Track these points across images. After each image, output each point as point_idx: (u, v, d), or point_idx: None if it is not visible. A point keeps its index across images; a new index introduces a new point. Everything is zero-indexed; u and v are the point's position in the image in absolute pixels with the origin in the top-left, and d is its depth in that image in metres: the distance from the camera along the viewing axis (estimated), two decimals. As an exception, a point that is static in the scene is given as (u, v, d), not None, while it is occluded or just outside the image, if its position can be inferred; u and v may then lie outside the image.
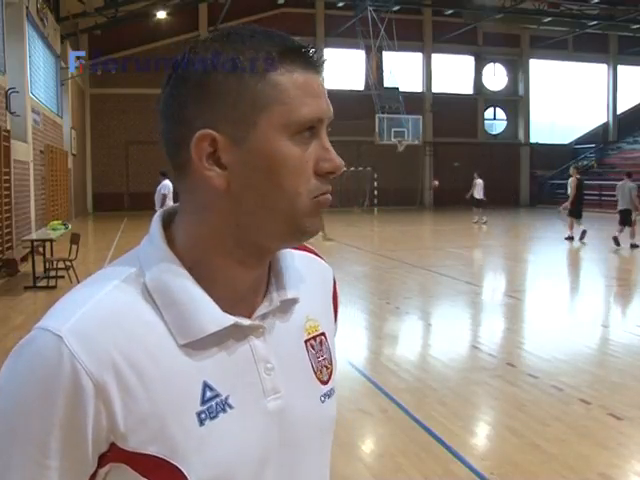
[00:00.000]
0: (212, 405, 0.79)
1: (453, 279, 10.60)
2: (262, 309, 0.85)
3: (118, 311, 0.78)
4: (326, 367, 0.93)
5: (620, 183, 15.40)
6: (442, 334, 7.35)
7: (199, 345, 0.80)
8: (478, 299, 9.51)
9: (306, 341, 0.91)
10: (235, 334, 0.82)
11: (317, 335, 0.93)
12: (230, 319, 0.81)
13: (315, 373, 0.91)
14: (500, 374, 5.55)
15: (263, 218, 0.80)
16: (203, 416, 0.78)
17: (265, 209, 0.80)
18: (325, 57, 0.84)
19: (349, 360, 5.82)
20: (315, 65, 0.82)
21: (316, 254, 1.02)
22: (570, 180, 15.98)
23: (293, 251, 0.93)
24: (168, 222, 0.86)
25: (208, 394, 0.79)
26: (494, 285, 11.24)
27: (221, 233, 0.81)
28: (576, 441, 4.17)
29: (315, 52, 0.82)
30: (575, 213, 15.71)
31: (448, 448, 4.03)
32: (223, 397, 0.80)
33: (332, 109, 0.84)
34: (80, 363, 0.73)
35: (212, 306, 0.81)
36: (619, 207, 14.88)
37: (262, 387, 0.83)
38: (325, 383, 0.92)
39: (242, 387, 0.82)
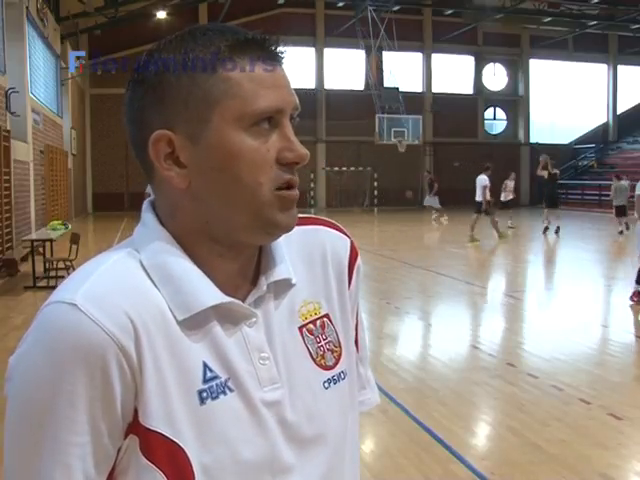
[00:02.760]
0: (213, 385, 0.78)
1: (453, 279, 10.60)
2: (252, 296, 0.84)
3: (124, 280, 0.77)
4: (331, 351, 0.89)
5: (616, 184, 17.57)
6: (442, 334, 7.35)
7: (197, 324, 0.78)
8: (478, 299, 9.51)
9: (301, 327, 0.88)
10: (227, 321, 0.81)
11: (317, 318, 0.89)
12: (226, 297, 0.80)
13: (314, 360, 0.87)
14: (500, 374, 5.55)
15: (229, 213, 0.80)
16: (204, 395, 0.77)
17: (229, 204, 0.79)
18: (283, 48, 0.82)
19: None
20: (272, 56, 0.81)
21: (332, 226, 0.97)
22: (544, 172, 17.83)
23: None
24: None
25: (209, 374, 0.78)
26: (494, 285, 11.23)
27: (194, 230, 0.81)
28: (576, 441, 4.17)
29: (272, 43, 0.81)
30: (549, 203, 17.26)
31: (448, 448, 4.03)
32: (223, 379, 0.79)
33: (297, 99, 0.83)
34: (100, 326, 0.72)
35: (208, 282, 0.80)
36: (616, 203, 17.25)
37: (258, 377, 0.81)
38: (330, 368, 0.88)
39: (240, 374, 0.80)
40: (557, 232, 16.74)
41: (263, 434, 0.80)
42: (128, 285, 0.77)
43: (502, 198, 18.37)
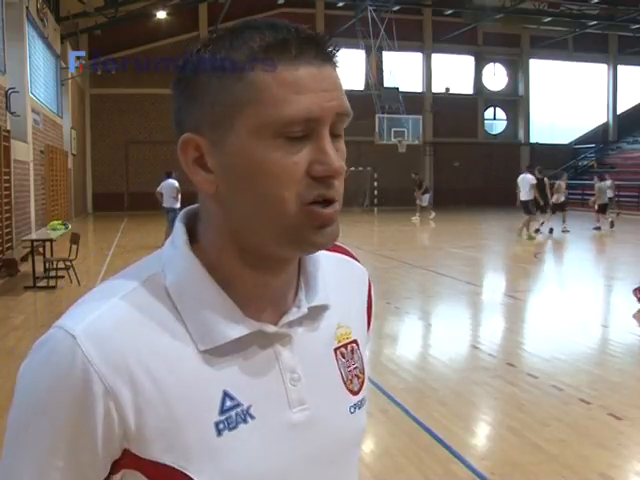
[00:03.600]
0: (232, 415, 0.76)
1: (453, 279, 10.60)
2: (289, 316, 0.82)
3: (135, 315, 0.75)
4: (357, 376, 0.89)
5: (600, 183, 18.54)
6: (442, 334, 7.35)
7: (220, 352, 0.77)
8: (478, 299, 9.52)
9: (336, 349, 0.87)
10: (260, 341, 0.79)
11: (348, 343, 0.89)
12: (254, 325, 0.78)
13: (345, 383, 0.87)
14: (500, 374, 5.55)
15: (255, 224, 0.76)
16: (221, 426, 0.76)
17: (254, 215, 0.75)
18: (333, 45, 0.75)
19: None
20: (319, 55, 0.74)
21: (351, 256, 0.97)
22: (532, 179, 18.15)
23: (327, 252, 0.88)
24: (194, 222, 0.83)
25: (228, 403, 0.76)
26: (494, 285, 11.23)
27: (226, 238, 0.79)
28: (576, 441, 4.17)
29: (323, 40, 0.74)
30: (539, 208, 17.37)
31: (448, 448, 4.03)
32: (244, 407, 0.77)
33: (344, 103, 0.75)
34: (92, 366, 0.71)
35: (235, 311, 0.78)
36: (600, 202, 18.31)
37: (287, 398, 0.80)
38: (356, 393, 0.88)
39: (265, 397, 0.79)
40: (551, 232, 17.13)
41: (282, 459, 0.79)
42: (140, 320, 0.75)
43: (554, 200, 17.82)
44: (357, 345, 0.91)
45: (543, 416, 4.57)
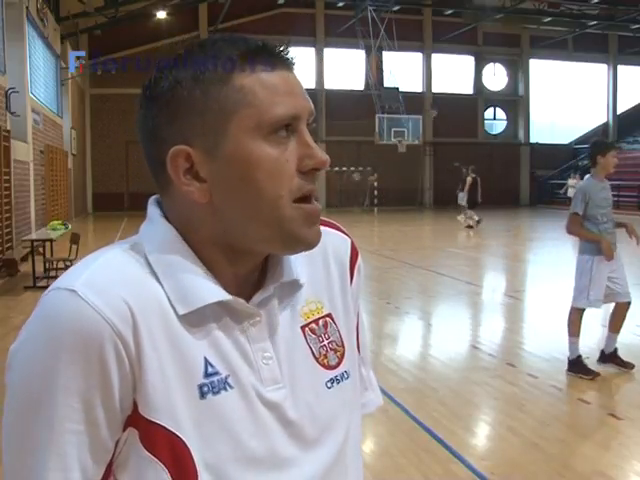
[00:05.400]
0: (214, 380, 0.78)
1: (453, 279, 10.60)
2: (258, 296, 0.84)
3: (125, 270, 0.77)
4: (334, 350, 0.89)
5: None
6: (442, 334, 7.35)
7: (197, 320, 0.78)
8: (478, 299, 9.51)
9: (303, 327, 0.87)
10: (232, 319, 0.81)
11: (319, 318, 0.89)
12: (229, 295, 0.80)
13: (317, 359, 0.87)
14: (500, 374, 5.55)
15: (249, 226, 0.79)
16: (205, 389, 0.77)
17: (249, 216, 0.78)
18: (293, 54, 0.82)
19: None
20: (285, 62, 0.81)
21: (332, 226, 0.97)
22: (468, 179, 19.88)
23: None
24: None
25: (210, 370, 0.78)
26: (494, 285, 11.23)
27: (209, 242, 0.81)
28: (576, 441, 4.17)
29: (282, 49, 0.81)
30: (471, 205, 19.46)
31: (448, 448, 4.03)
32: (223, 376, 0.79)
33: (312, 104, 0.82)
34: (100, 313, 0.72)
35: (212, 280, 0.80)
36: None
37: (260, 376, 0.81)
38: (333, 368, 0.88)
39: (240, 372, 0.80)
40: (479, 222, 18.79)
41: (264, 432, 0.80)
42: (129, 276, 0.77)
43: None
44: (331, 318, 0.91)
45: (543, 416, 4.57)
